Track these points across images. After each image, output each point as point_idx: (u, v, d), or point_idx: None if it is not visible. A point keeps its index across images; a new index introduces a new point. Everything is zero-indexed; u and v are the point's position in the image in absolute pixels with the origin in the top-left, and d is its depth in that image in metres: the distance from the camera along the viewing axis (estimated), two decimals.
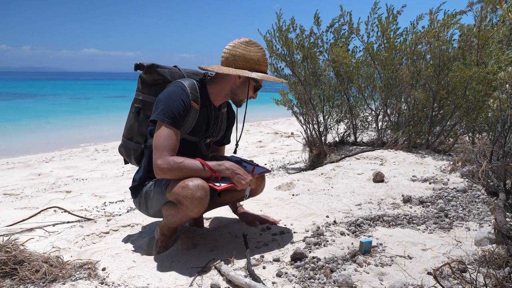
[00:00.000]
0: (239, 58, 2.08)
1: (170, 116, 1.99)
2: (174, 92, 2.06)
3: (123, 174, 5.73)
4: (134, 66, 2.24)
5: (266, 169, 2.30)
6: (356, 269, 1.89)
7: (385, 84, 5.00)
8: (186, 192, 1.89)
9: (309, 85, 5.10)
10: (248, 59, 2.09)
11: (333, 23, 5.04)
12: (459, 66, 4.28)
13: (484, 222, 2.50)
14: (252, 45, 2.12)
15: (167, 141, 1.96)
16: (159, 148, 1.95)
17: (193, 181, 1.91)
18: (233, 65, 2.09)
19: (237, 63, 2.09)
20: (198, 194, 1.89)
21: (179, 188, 1.92)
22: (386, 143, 4.91)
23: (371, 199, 3.07)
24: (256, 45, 2.14)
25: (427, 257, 2.02)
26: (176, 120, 2.01)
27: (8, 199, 4.33)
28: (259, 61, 2.12)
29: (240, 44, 2.11)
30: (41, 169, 6.49)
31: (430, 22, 4.60)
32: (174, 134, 2.00)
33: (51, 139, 10.94)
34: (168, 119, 1.99)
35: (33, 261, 1.91)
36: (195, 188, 1.89)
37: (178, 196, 1.92)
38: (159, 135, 1.98)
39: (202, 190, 1.90)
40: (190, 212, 1.95)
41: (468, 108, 4.48)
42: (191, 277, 1.88)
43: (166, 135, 1.97)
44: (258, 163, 2.39)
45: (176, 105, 2.01)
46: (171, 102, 2.02)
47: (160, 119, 1.99)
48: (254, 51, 2.11)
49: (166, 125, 1.99)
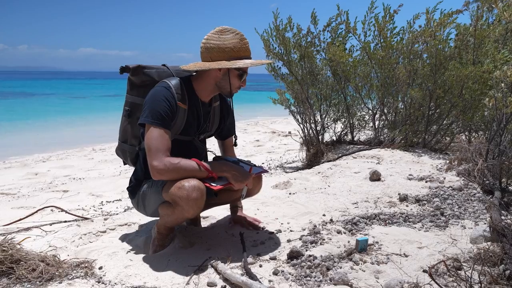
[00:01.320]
0: (214, 50, 2.00)
1: (157, 117, 1.97)
2: (159, 92, 2.02)
3: (120, 173, 5.72)
4: (120, 69, 2.18)
5: (263, 169, 2.28)
6: (352, 267, 1.90)
7: (382, 83, 5.01)
8: (182, 192, 1.88)
9: (306, 84, 5.10)
10: (224, 49, 2.00)
11: (330, 22, 5.04)
12: (456, 65, 4.29)
13: (479, 220, 2.51)
14: (225, 33, 2.02)
15: (159, 142, 1.95)
16: (152, 150, 1.94)
17: (189, 182, 1.90)
18: (210, 58, 2.02)
19: (213, 55, 2.01)
20: (193, 195, 1.88)
21: (175, 189, 1.91)
22: (383, 142, 4.93)
23: (367, 197, 3.08)
24: (230, 31, 2.03)
25: (423, 255, 2.03)
26: (164, 120, 1.98)
27: (5, 199, 4.32)
28: (235, 48, 2.01)
29: (213, 35, 2.02)
30: (38, 169, 6.48)
31: (426, 21, 4.61)
32: (165, 133, 1.98)
33: (47, 139, 10.92)
34: (156, 121, 1.97)
35: (30, 260, 1.91)
36: (191, 188, 1.88)
37: (174, 196, 1.92)
38: (150, 138, 1.96)
39: (198, 191, 1.89)
40: (185, 212, 1.94)
41: (464, 107, 4.50)
42: (187, 275, 1.88)
43: (157, 136, 1.95)
44: (256, 163, 2.39)
45: (161, 105, 1.99)
46: (156, 103, 1.99)
47: (148, 122, 1.97)
48: (229, 39, 2.01)
49: (155, 127, 1.97)
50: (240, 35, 2.03)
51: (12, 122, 14.85)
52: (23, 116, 17.10)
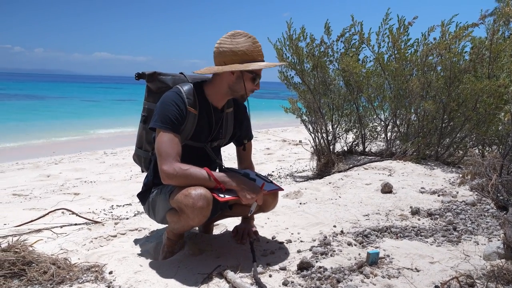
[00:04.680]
0: (227, 54, 2.00)
1: (166, 121, 1.98)
2: (168, 97, 2.04)
3: (131, 177, 5.76)
4: (135, 75, 2.20)
5: (278, 187, 2.20)
6: (362, 280, 1.88)
7: (395, 95, 4.99)
8: (188, 200, 1.87)
9: (319, 94, 5.10)
10: (236, 52, 2.00)
11: (343, 33, 5.04)
12: (470, 79, 4.26)
13: (493, 237, 2.47)
14: (238, 37, 2.02)
15: (169, 146, 1.96)
16: (162, 154, 1.95)
17: (196, 190, 1.89)
18: (223, 62, 2.03)
19: (227, 59, 2.01)
20: (199, 204, 1.86)
21: (182, 196, 1.90)
22: (395, 154, 4.89)
23: (379, 210, 3.05)
24: (243, 35, 2.02)
25: (435, 270, 2.00)
26: (173, 124, 1.99)
27: (17, 200, 4.37)
28: (248, 51, 2.01)
29: (226, 39, 2.02)
30: (50, 171, 6.55)
31: (441, 34, 4.59)
32: (175, 138, 1.98)
33: (60, 141, 11.04)
34: (165, 125, 1.98)
35: (41, 263, 1.93)
36: (197, 197, 1.87)
37: (180, 204, 1.91)
38: (160, 142, 1.97)
39: (204, 200, 1.87)
40: (190, 221, 1.93)
41: (478, 120, 4.45)
42: (197, 283, 1.88)
43: (166, 140, 1.96)
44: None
45: (170, 110, 2.00)
46: (165, 107, 2.01)
47: (158, 126, 1.99)
48: (241, 42, 2.01)
49: (164, 131, 1.98)
50: (252, 38, 2.04)
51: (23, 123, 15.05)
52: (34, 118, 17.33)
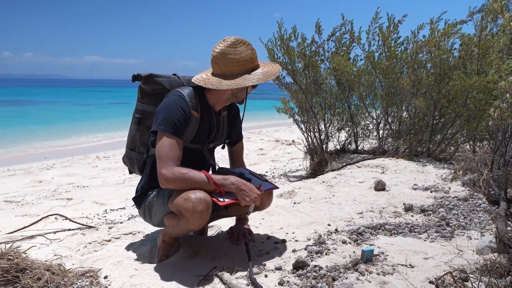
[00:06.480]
0: (234, 65, 2.02)
1: (170, 125, 1.98)
2: (173, 101, 2.04)
3: (124, 181, 5.73)
4: (132, 77, 2.20)
5: (274, 186, 2.24)
6: (358, 277, 1.89)
7: (386, 93, 5.02)
8: (188, 204, 1.87)
9: (310, 93, 5.12)
10: (242, 62, 2.02)
11: (334, 32, 5.06)
12: (460, 75, 4.30)
13: (485, 231, 2.50)
14: (239, 45, 2.03)
15: (170, 150, 1.95)
16: (163, 158, 1.94)
17: (196, 194, 1.89)
18: (230, 72, 2.04)
19: (234, 70, 2.03)
20: (199, 208, 1.86)
21: (181, 200, 1.90)
22: (387, 152, 4.92)
23: (372, 207, 3.07)
24: (241, 42, 2.04)
25: (429, 266, 2.02)
26: (177, 129, 2.00)
27: (9, 206, 4.33)
28: (252, 58, 2.05)
29: (229, 49, 2.02)
30: (42, 176, 6.50)
31: (431, 31, 4.63)
32: (177, 143, 1.99)
33: (51, 146, 10.96)
34: (169, 129, 1.98)
35: (35, 269, 1.91)
36: (197, 201, 1.87)
37: (180, 208, 1.91)
38: (161, 145, 1.97)
39: (203, 204, 1.87)
40: (190, 225, 1.93)
41: (468, 116, 4.50)
42: (193, 285, 1.88)
43: (168, 144, 1.96)
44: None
45: (176, 114, 2.00)
46: (170, 111, 2.00)
47: (161, 130, 1.98)
48: (244, 50, 2.03)
49: (167, 135, 1.98)
50: (250, 45, 2.07)
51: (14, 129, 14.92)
52: (25, 123, 17.19)
